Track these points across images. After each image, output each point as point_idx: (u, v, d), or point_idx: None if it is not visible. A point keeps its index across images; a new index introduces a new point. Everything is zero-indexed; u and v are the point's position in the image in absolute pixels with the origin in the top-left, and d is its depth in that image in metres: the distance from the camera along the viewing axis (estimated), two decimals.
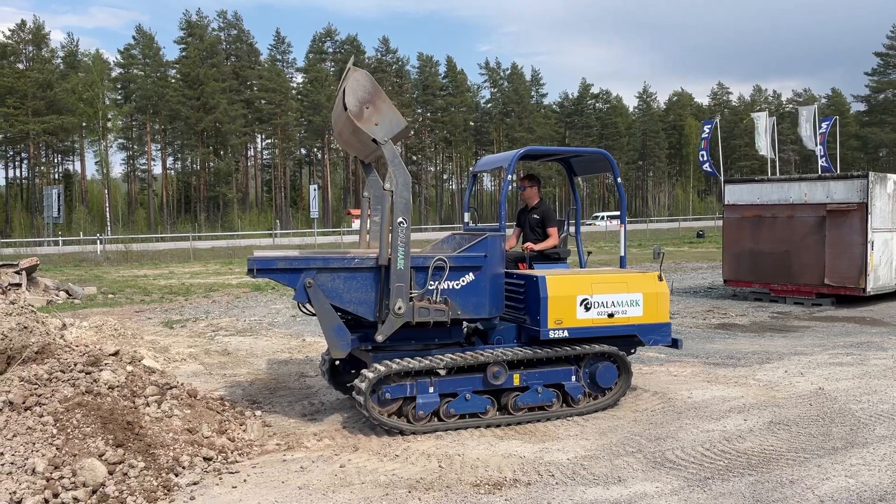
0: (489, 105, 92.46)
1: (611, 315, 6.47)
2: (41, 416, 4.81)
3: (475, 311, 6.13)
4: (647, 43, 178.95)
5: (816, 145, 35.93)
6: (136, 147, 75.14)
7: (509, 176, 6.67)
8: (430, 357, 6.04)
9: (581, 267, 7.57)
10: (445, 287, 6.00)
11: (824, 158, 36.26)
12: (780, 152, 46.78)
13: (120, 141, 73.70)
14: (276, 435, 5.89)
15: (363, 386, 5.68)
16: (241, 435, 5.73)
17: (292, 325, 12.15)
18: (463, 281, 6.06)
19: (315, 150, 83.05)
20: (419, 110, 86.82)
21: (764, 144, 35.71)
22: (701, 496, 4.56)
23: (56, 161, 73.69)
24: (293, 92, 79.57)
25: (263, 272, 5.75)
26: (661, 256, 7.09)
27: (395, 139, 5.85)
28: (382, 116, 5.73)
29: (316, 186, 46.66)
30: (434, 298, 5.96)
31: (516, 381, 6.21)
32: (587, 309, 6.38)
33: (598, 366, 6.52)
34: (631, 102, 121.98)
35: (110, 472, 4.50)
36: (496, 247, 6.23)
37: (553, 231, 7.29)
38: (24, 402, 4.87)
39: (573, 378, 6.43)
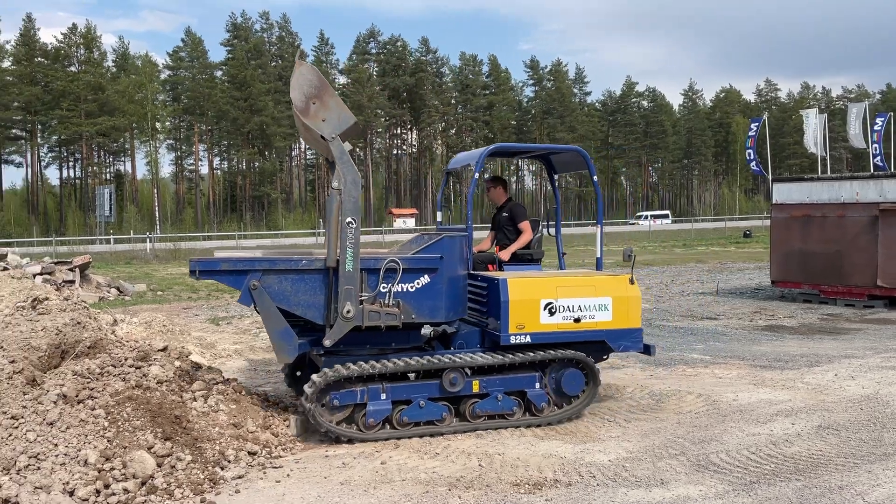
0: (531, 104, 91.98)
1: (577, 320, 6.18)
2: (93, 409, 4.96)
3: (430, 314, 5.88)
4: (692, 39, 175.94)
5: (871, 143, 34.88)
6: (183, 147, 76.87)
7: (476, 174, 6.46)
8: (380, 361, 5.72)
9: (560, 269, 7.29)
10: (398, 290, 5.76)
11: (879, 157, 35.17)
12: (830, 150, 45.49)
13: (168, 142, 75.50)
14: (318, 431, 5.96)
15: (309, 392, 5.45)
16: (285, 430, 5.82)
17: None
18: (417, 283, 5.81)
19: (357, 150, 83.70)
20: (460, 109, 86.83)
21: (813, 142, 34.84)
22: (746, 501, 4.48)
23: (108, 161, 75.84)
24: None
25: (206, 273, 5.57)
26: (632, 258, 6.54)
27: (343, 136, 5.65)
28: (329, 112, 5.55)
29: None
30: (386, 301, 5.73)
31: (475, 388, 5.92)
32: (552, 313, 6.10)
33: (563, 373, 6.17)
34: (676, 100, 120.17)
35: (159, 465, 4.63)
36: (453, 248, 6.02)
37: (524, 226, 7.03)
38: (77, 396, 5.03)
39: (537, 385, 6.11)
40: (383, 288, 5.73)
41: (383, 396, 5.70)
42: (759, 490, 4.66)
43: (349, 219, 5.57)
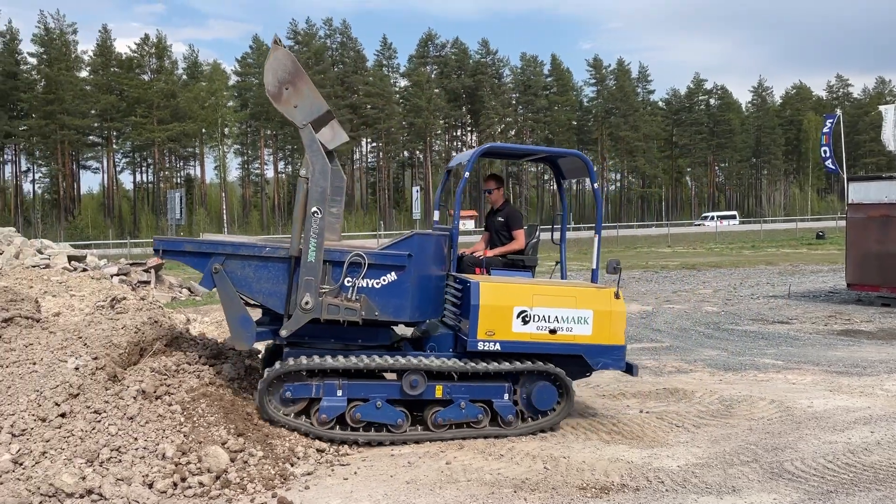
0: (592, 103, 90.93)
1: (553, 331, 5.86)
2: (170, 405, 5.15)
3: (395, 313, 5.72)
4: (758, 34, 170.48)
5: None
6: (250, 152, 78.92)
7: (466, 173, 6.27)
8: (336, 357, 5.58)
9: (562, 278, 6.94)
10: (363, 285, 5.61)
11: None
12: None
13: (236, 146, 77.66)
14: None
15: (260, 383, 5.40)
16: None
17: None
18: (383, 280, 5.66)
19: (417, 152, 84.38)
20: (520, 110, 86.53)
21: (892, 139, 33.29)
22: None
23: (178, 166, 78.49)
24: (396, 96, 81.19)
25: (170, 253, 5.60)
26: (618, 271, 6.17)
27: (315, 124, 5.57)
28: (302, 99, 5.49)
29: (418, 188, 47.51)
30: (349, 296, 5.59)
31: (438, 394, 5.68)
32: (525, 322, 5.81)
33: (535, 386, 5.87)
34: (744, 97, 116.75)
35: (232, 460, 4.77)
36: (426, 247, 5.85)
37: (518, 234, 6.75)
38: (155, 392, 5.23)
39: (505, 396, 5.81)
40: (347, 282, 5.60)
41: (339, 393, 5.51)
42: (836, 500, 4.49)
43: (314, 208, 5.48)
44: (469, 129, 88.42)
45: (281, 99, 5.46)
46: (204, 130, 70.06)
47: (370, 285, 5.64)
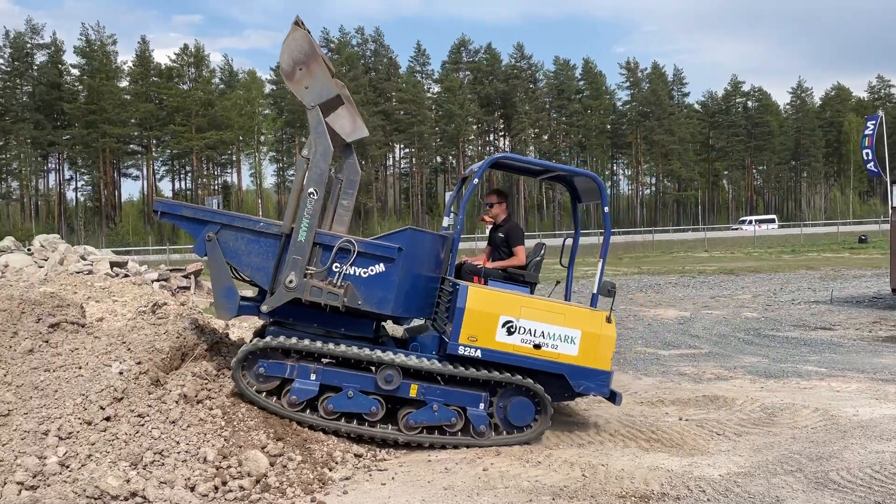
0: (626, 107, 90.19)
1: (537, 346, 5.74)
2: (211, 409, 5.23)
3: (378, 304, 5.65)
4: (796, 35, 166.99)
5: None
6: (285, 159, 79.88)
7: (475, 180, 6.21)
8: (313, 341, 5.56)
9: (566, 300, 6.73)
10: (350, 272, 5.58)
11: None
12: None
13: (272, 154, 78.74)
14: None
15: (234, 358, 5.42)
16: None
17: None
18: (371, 270, 5.61)
19: (450, 157, 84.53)
20: (553, 114, 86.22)
21: None
22: None
23: (216, 173, 79.77)
24: (429, 102, 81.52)
25: (168, 216, 5.65)
26: (612, 294, 5.97)
27: (324, 108, 5.56)
28: (314, 81, 5.49)
29: (451, 194, 47.59)
30: (334, 281, 5.55)
31: (412, 392, 5.60)
32: (510, 333, 5.70)
33: (513, 399, 5.77)
34: (782, 99, 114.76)
35: (271, 464, 4.82)
36: (419, 244, 5.79)
37: (518, 250, 6.62)
38: (196, 396, 5.31)
39: (480, 406, 5.69)
40: (335, 267, 5.57)
41: (312, 377, 5.49)
42: None
43: (311, 189, 5.51)
44: (502, 134, 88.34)
45: (293, 78, 5.52)
46: (241, 138, 71.21)
47: (357, 273, 5.61)
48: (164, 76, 71.52)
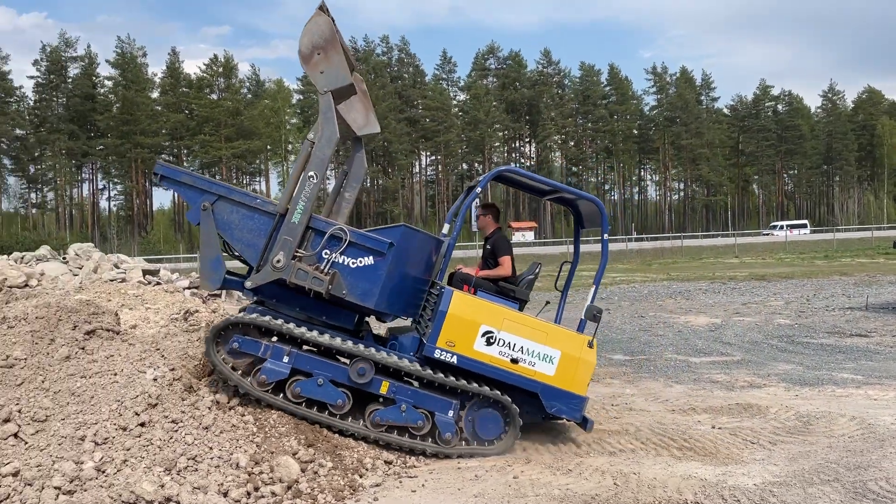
0: (654, 112, 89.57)
1: (515, 361, 5.67)
2: (243, 415, 5.28)
3: (362, 297, 5.58)
4: (825, 38, 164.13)
5: None
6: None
7: (477, 189, 6.15)
8: (289, 323, 5.53)
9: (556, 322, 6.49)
10: (339, 261, 5.54)
11: None
12: None
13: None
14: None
15: (209, 329, 5.43)
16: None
17: None
18: (360, 261, 5.56)
19: (476, 164, 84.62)
20: (580, 120, 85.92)
21: None
22: None
23: (244, 182, 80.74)
24: (455, 109, 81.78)
25: (167, 180, 5.67)
26: (598, 319, 5.85)
27: (336, 94, 5.57)
28: (330, 67, 5.50)
29: (477, 200, 47.58)
30: (322, 267, 5.51)
31: (383, 389, 5.53)
32: (489, 343, 5.63)
33: (482, 411, 5.67)
34: (812, 102, 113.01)
35: (303, 470, 4.85)
36: (410, 243, 5.73)
37: (504, 260, 6.51)
38: (228, 402, 5.37)
39: (449, 413, 5.60)
40: (325, 253, 5.55)
41: (285, 359, 5.45)
42: None
43: (312, 172, 5.53)
44: (527, 140, 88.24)
45: (310, 62, 5.54)
46: (268, 147, 72.03)
47: (346, 263, 5.58)
48: (194, 87, 72.71)
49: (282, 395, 5.45)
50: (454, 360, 5.62)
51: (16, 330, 5.92)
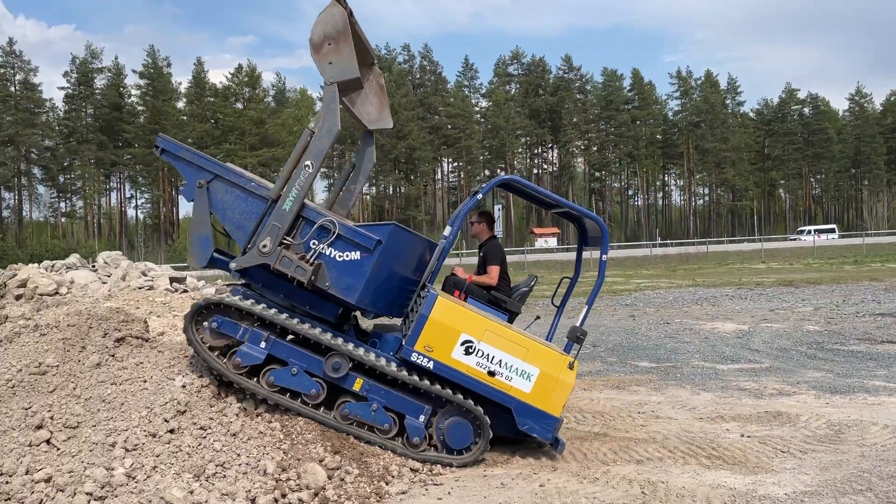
0: (678, 116, 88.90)
1: (492, 373, 5.60)
2: (270, 422, 5.32)
3: (344, 291, 5.57)
4: (852, 40, 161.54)
5: None
6: (336, 175, 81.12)
7: (479, 195, 6.01)
8: (269, 309, 5.54)
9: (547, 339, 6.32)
10: (326, 253, 5.54)
11: None
12: None
13: (323, 169, 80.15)
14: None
15: (190, 308, 5.50)
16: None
17: None
18: (346, 255, 5.55)
19: (498, 170, 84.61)
20: (602, 126, 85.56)
21: None
22: None
23: None
24: (477, 116, 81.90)
25: (168, 154, 5.73)
26: (580, 341, 5.78)
27: (342, 86, 5.57)
28: (339, 58, 5.50)
29: (500, 206, 47.56)
30: (308, 257, 5.51)
31: (356, 386, 5.51)
32: (468, 353, 5.57)
33: (453, 420, 5.62)
34: (840, 105, 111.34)
35: (329, 477, 4.87)
36: (400, 242, 5.69)
37: (491, 269, 6.44)
38: (255, 409, 5.41)
39: (420, 417, 5.58)
40: (313, 243, 5.56)
41: (262, 345, 5.48)
42: None
43: (308, 162, 5.55)
44: (550, 146, 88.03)
45: (321, 51, 5.56)
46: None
47: (332, 255, 5.57)
48: (220, 96, 73.65)
49: (255, 379, 5.48)
50: (430, 365, 5.57)
51: (48, 337, 6.03)
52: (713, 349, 11.01)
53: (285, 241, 5.53)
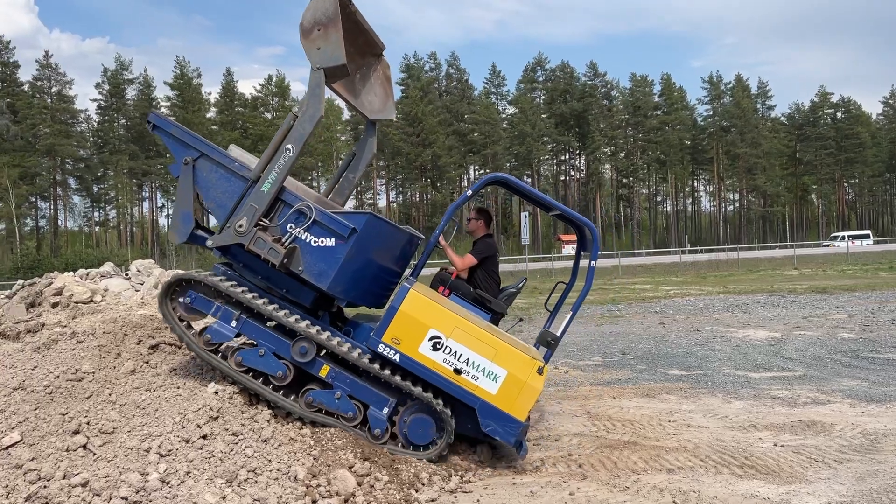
0: (707, 121, 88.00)
1: (457, 371, 5.54)
2: (300, 427, 5.38)
3: (316, 276, 5.56)
4: (885, 42, 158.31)
5: None
6: (363, 183, 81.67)
7: (468, 192, 5.99)
8: (241, 288, 5.61)
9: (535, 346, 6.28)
10: (302, 237, 5.56)
11: None
12: None
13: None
14: (504, 458, 6.02)
15: (165, 281, 5.62)
16: (471, 455, 5.94)
17: None
18: (321, 241, 5.54)
19: (525, 177, 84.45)
20: (630, 131, 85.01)
21: None
22: None
23: None
24: (504, 123, 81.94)
25: (158, 129, 5.82)
26: (552, 347, 5.70)
27: (328, 73, 5.56)
28: (328, 44, 5.49)
29: (526, 214, 47.35)
30: (284, 240, 5.54)
31: (323, 373, 5.57)
32: (435, 348, 5.53)
33: (416, 415, 5.61)
34: (873, 109, 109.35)
35: (359, 483, 4.90)
36: (376, 231, 5.67)
37: (467, 256, 6.46)
38: (286, 415, 5.46)
39: (384, 409, 5.58)
40: (290, 227, 5.57)
41: (233, 323, 5.61)
42: None
43: (289, 145, 5.59)
44: (577, 152, 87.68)
45: (310, 36, 5.56)
46: (320, 164, 73.34)
47: (308, 240, 5.59)
48: (249, 106, 74.69)
49: (220, 355, 5.60)
50: (396, 357, 5.56)
51: (84, 344, 6.17)
52: (745, 357, 10.86)
53: (262, 223, 5.59)
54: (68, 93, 72.21)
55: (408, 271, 6.36)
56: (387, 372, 5.57)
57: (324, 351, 5.67)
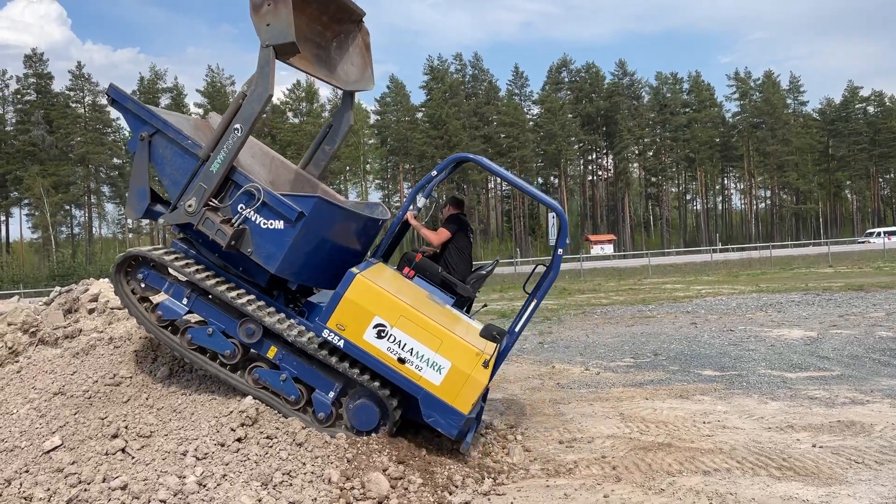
0: (736, 118, 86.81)
1: (402, 360, 5.44)
2: (334, 432, 5.40)
3: (265, 259, 5.55)
4: None
5: None
6: (390, 186, 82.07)
7: (434, 172, 5.93)
8: (190, 266, 5.60)
9: (511, 332, 6.04)
10: (253, 218, 5.53)
11: None
12: None
13: (377, 181, 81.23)
14: (537, 461, 5.99)
15: (118, 257, 5.72)
16: (504, 458, 5.93)
17: (540, 351, 12.34)
18: (270, 224, 5.52)
19: (552, 178, 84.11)
20: (658, 130, 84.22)
21: None
22: None
23: None
24: (530, 124, 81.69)
25: (116, 104, 5.82)
26: (497, 340, 5.56)
27: (278, 50, 5.47)
28: (277, 21, 5.42)
29: (553, 214, 47.18)
30: (234, 221, 5.52)
31: (270, 354, 5.59)
32: (379, 336, 5.43)
33: (361, 402, 5.55)
34: None
35: (393, 486, 4.92)
36: (325, 215, 5.62)
37: (441, 230, 6.43)
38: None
39: (329, 394, 5.55)
40: (240, 207, 5.56)
41: (184, 301, 5.68)
42: None
43: (238, 125, 5.54)
44: (605, 152, 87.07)
45: (259, 12, 5.52)
46: (347, 168, 73.91)
47: (258, 222, 5.57)
48: (277, 111, 75.43)
49: (171, 330, 5.71)
50: (341, 343, 5.47)
51: (121, 350, 6.28)
52: (780, 357, 10.68)
53: (212, 203, 5.58)
54: (101, 102, 73.58)
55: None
56: (333, 359, 5.52)
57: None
